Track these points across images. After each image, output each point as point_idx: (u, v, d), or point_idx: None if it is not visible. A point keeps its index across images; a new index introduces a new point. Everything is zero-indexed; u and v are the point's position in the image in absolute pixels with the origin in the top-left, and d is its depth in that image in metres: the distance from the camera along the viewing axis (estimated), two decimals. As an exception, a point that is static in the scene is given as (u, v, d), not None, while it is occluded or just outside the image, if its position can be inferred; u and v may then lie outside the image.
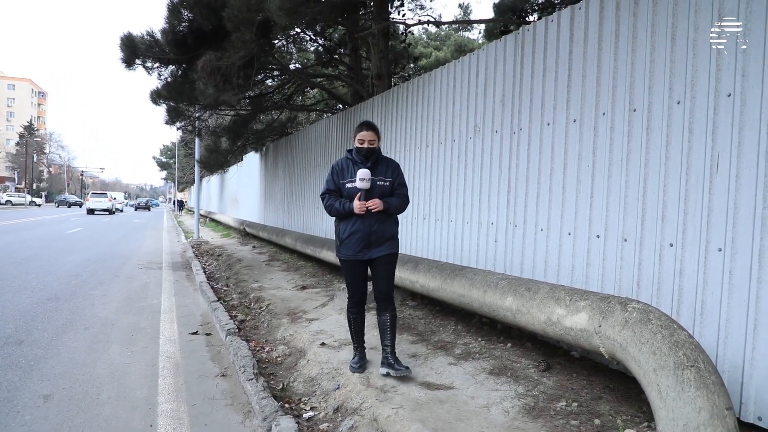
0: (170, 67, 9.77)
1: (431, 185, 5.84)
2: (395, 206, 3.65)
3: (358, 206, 3.51)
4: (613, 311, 2.76)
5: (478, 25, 19.48)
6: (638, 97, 3.38)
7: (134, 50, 8.98)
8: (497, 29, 11.17)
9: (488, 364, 3.79)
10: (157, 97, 10.25)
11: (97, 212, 36.83)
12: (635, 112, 3.40)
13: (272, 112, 14.71)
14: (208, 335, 5.26)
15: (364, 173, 3.51)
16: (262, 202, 15.46)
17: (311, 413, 3.29)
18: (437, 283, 4.58)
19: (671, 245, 3.14)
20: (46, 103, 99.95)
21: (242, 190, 19.87)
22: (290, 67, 13.67)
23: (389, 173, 3.69)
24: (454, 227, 5.41)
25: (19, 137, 73.25)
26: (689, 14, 3.06)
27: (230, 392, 3.76)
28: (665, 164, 3.19)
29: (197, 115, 11.98)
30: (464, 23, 20.36)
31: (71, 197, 60.30)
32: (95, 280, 8.30)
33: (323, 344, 4.45)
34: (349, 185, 3.62)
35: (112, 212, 38.44)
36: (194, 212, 20.31)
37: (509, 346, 4.14)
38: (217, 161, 14.85)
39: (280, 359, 4.43)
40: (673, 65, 3.16)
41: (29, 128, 72.75)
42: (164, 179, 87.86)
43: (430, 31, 25.94)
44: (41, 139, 78.19)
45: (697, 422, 2.18)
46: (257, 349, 4.67)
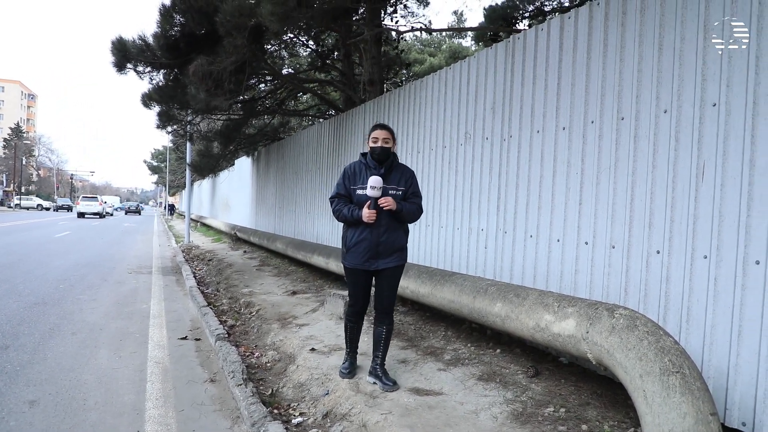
0: (162, 71, 9.74)
1: (422, 191, 5.85)
2: (408, 211, 3.48)
3: (366, 215, 3.34)
4: (600, 317, 2.78)
5: (470, 32, 19.60)
6: (626, 105, 3.42)
7: (126, 54, 8.96)
8: (488, 37, 11.25)
9: (477, 369, 3.81)
10: (148, 101, 10.21)
11: (87, 216, 36.72)
12: (623, 120, 3.44)
13: (264, 116, 14.71)
14: (197, 340, 5.23)
15: (375, 181, 3.33)
16: (253, 206, 15.43)
17: (300, 419, 3.29)
18: (427, 288, 4.60)
19: (658, 252, 3.17)
20: (35, 105, 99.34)
21: (234, 194, 19.82)
22: (282, 72, 13.69)
23: (403, 181, 3.52)
24: (444, 233, 5.43)
25: (4, 140, 72.60)
26: (676, 25, 3.11)
27: (219, 398, 3.74)
28: (652, 172, 3.23)
29: (189, 119, 11.95)
30: (455, 30, 20.47)
31: (62, 200, 57.54)
32: (84, 284, 8.24)
33: (313, 350, 4.44)
34: (359, 191, 3.46)
35: (102, 216, 38.33)
36: (185, 217, 20.22)
37: (498, 352, 4.16)
38: (208, 165, 14.81)
39: (269, 365, 4.42)
40: (660, 75, 3.21)
41: (17, 130, 72.15)
42: (155, 183, 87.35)
43: (423, 37, 26.07)
44: (30, 141, 77.56)
45: (682, 427, 2.20)
46: (247, 354, 4.65)
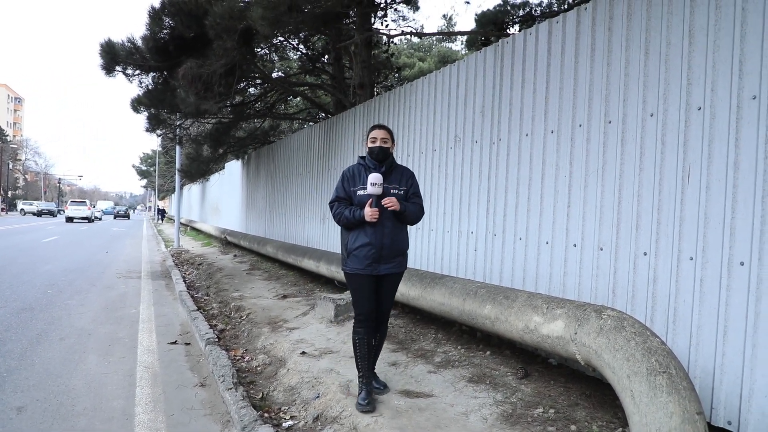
0: (151, 74, 9.71)
1: (412, 194, 5.88)
2: (411, 212, 3.34)
3: (369, 213, 3.18)
4: (588, 319, 2.81)
5: (460, 36, 19.70)
6: (613, 109, 3.46)
7: (114, 57, 8.91)
8: (478, 41, 11.32)
9: (467, 371, 3.82)
10: (137, 104, 10.18)
11: (76, 220, 36.51)
12: (610, 123, 3.48)
13: (254, 120, 14.68)
14: (187, 345, 5.21)
15: (375, 177, 3.20)
16: (243, 210, 15.38)
17: (291, 422, 3.28)
18: (417, 291, 4.61)
19: (645, 254, 3.21)
20: (22, 109, 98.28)
21: (224, 198, 19.75)
22: (273, 75, 13.68)
23: (404, 181, 3.39)
24: (434, 236, 5.45)
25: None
26: (662, 30, 3.16)
27: (209, 402, 3.73)
28: (639, 175, 3.27)
29: (178, 122, 11.91)
30: (445, 34, 20.58)
31: (44, 204, 50.97)
32: (72, 289, 8.17)
33: (304, 353, 4.44)
34: (360, 192, 3.31)
35: (91, 220, 38.11)
36: (174, 221, 20.11)
37: (488, 354, 4.18)
38: (198, 169, 14.76)
39: (260, 368, 4.41)
40: (646, 79, 3.25)
41: (1, 134, 71.34)
42: (144, 187, 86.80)
43: (413, 41, 26.17)
44: (17, 145, 76.75)
45: (669, 427, 2.23)
46: (237, 358, 4.64)
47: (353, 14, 9.74)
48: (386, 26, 12.20)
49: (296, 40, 12.54)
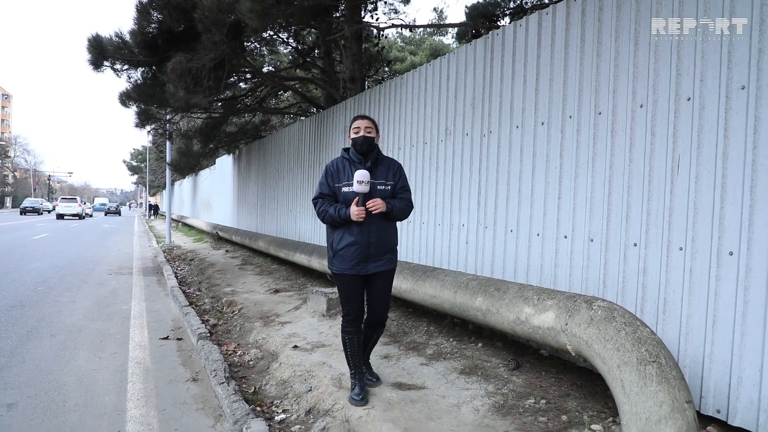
0: (140, 69, 9.62)
1: (404, 188, 5.87)
2: (399, 209, 3.22)
3: (355, 212, 3.06)
4: (579, 309, 2.82)
5: (451, 29, 19.67)
6: (603, 100, 3.47)
7: (102, 52, 8.82)
8: (469, 33, 11.30)
9: (459, 363, 3.83)
10: (126, 99, 10.07)
11: (66, 217, 36.27)
12: (600, 115, 3.48)
13: (245, 114, 14.60)
14: (179, 340, 5.19)
15: (362, 175, 3.06)
16: (235, 205, 15.32)
17: (283, 416, 3.28)
18: (409, 284, 4.61)
19: (635, 245, 3.22)
20: (10, 105, 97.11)
21: (215, 193, 19.65)
22: (263, 69, 13.60)
23: (390, 175, 3.26)
24: (426, 229, 5.45)
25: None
26: (651, 20, 3.16)
27: (201, 397, 3.72)
28: (629, 166, 3.27)
29: (168, 117, 11.81)
30: (436, 26, 20.52)
31: (29, 201, 45.10)
32: (63, 286, 8.11)
33: (296, 347, 4.43)
34: (345, 189, 3.18)
35: (82, 217, 37.85)
36: (166, 217, 20.01)
37: (480, 345, 4.19)
38: (188, 164, 14.68)
39: (252, 363, 4.40)
40: (636, 70, 3.25)
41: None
42: (135, 183, 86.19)
43: (404, 35, 26.08)
44: (5, 142, 75.96)
45: (658, 416, 2.25)
46: (229, 353, 4.63)
47: (343, 7, 9.68)
48: (376, 19, 12.14)
49: (286, 33, 12.46)
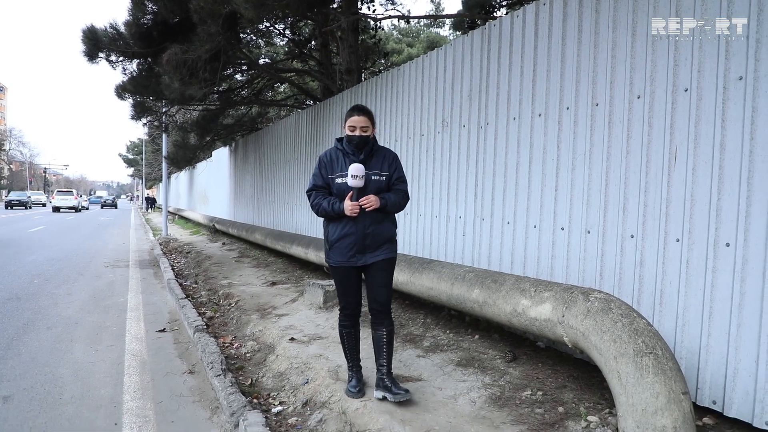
0: (135, 60, 9.58)
1: (401, 180, 5.85)
2: (393, 203, 3.14)
3: (349, 207, 3.01)
4: (575, 301, 2.82)
5: (448, 20, 19.58)
6: (600, 91, 3.45)
7: (97, 43, 8.77)
8: (465, 24, 11.25)
9: (456, 355, 3.83)
10: (122, 91, 10.04)
11: (63, 210, 36.21)
12: (598, 106, 3.47)
13: (241, 107, 14.53)
14: (175, 331, 5.18)
15: (357, 169, 3.00)
16: (231, 198, 15.28)
17: (280, 407, 3.28)
18: (406, 276, 4.61)
19: (632, 236, 3.22)
20: (5, 98, 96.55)
21: (211, 186, 19.60)
22: (259, 61, 13.54)
23: (386, 166, 3.18)
24: (423, 221, 5.44)
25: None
26: (649, 10, 3.14)
27: (198, 389, 3.72)
28: (626, 157, 3.26)
29: (164, 110, 11.77)
30: (432, 17, 20.45)
31: (15, 194, 41.01)
32: (59, 278, 8.09)
33: (293, 339, 4.43)
34: (339, 180, 3.11)
35: (78, 210, 37.77)
36: (162, 209, 19.96)
37: (477, 337, 4.19)
38: (185, 157, 14.63)
39: (249, 355, 4.39)
40: (633, 61, 3.23)
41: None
42: (131, 176, 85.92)
43: (401, 27, 25.97)
44: (1, 135, 75.53)
45: (655, 407, 2.25)
46: (226, 345, 4.62)
47: (339, -2, 9.63)
48: (373, 10, 12.08)
49: (282, 25, 12.40)
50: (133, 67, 9.78)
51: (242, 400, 3.19)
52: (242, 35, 10.10)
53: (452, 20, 12.82)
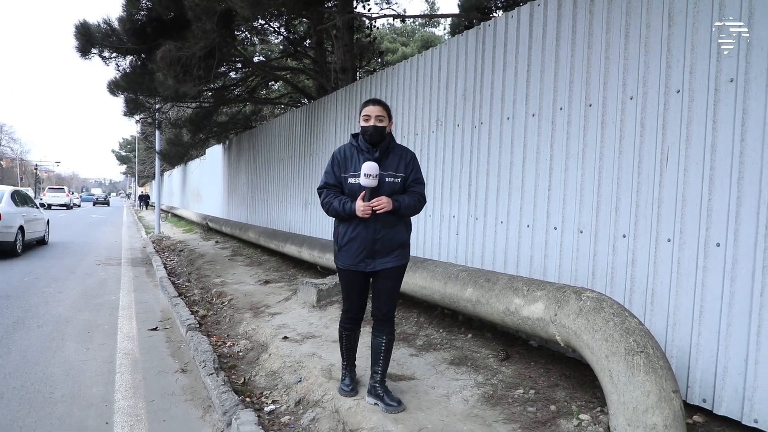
0: (128, 57, 9.52)
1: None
2: (407, 206, 2.94)
3: (361, 208, 2.83)
4: (568, 300, 2.83)
5: (443, 20, 19.62)
6: (594, 92, 3.47)
7: (90, 39, 8.72)
8: (462, 25, 11.26)
9: (449, 354, 3.85)
10: (115, 88, 9.97)
11: (54, 207, 35.96)
12: (591, 107, 3.48)
13: (235, 104, 14.49)
14: (167, 330, 5.17)
15: (370, 168, 2.81)
16: (225, 196, 15.23)
17: (273, 406, 3.28)
18: (400, 275, 4.61)
19: (624, 236, 3.24)
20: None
21: (205, 184, 19.52)
22: (254, 59, 13.50)
23: (402, 166, 2.98)
24: (416, 220, 5.44)
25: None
26: (642, 12, 3.16)
27: (190, 388, 3.71)
28: (619, 158, 3.28)
29: (157, 106, 11.71)
30: (428, 17, 20.47)
31: None
32: (49, 276, 8.04)
33: (286, 338, 4.43)
34: (351, 180, 2.94)
35: (69, 207, 37.53)
36: (155, 207, 19.88)
37: (470, 336, 4.20)
38: (178, 154, 14.57)
39: (242, 354, 4.39)
40: (626, 62, 3.25)
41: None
42: (124, 173, 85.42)
43: (396, 26, 25.98)
44: (-9, 131, 74.82)
45: (645, 405, 2.27)
46: (219, 344, 4.61)
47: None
48: (368, 9, 12.08)
49: (277, 23, 12.37)
50: (126, 63, 9.72)
51: (235, 398, 3.19)
52: (237, 33, 10.07)
53: (450, 23, 12.84)
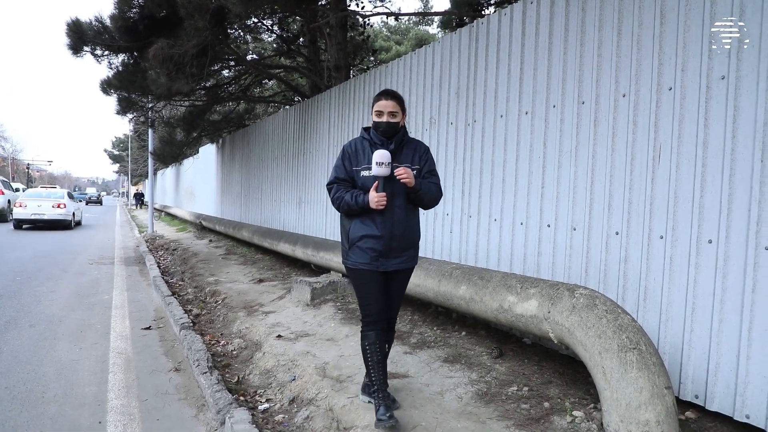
0: (121, 55, 9.45)
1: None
2: (427, 192, 2.79)
3: (375, 199, 2.65)
4: (561, 297, 2.84)
5: (437, 18, 19.60)
6: (586, 90, 3.48)
7: (82, 37, 8.65)
8: (454, 22, 11.27)
9: (443, 352, 3.85)
10: (107, 86, 9.89)
11: None
12: (584, 104, 3.49)
13: (229, 103, 14.44)
14: (161, 329, 5.15)
15: (381, 155, 2.65)
16: (218, 195, 15.18)
17: (267, 405, 3.27)
18: (394, 273, 4.61)
19: (617, 233, 3.25)
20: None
21: (198, 182, 19.45)
22: (247, 57, 13.45)
23: (417, 159, 2.83)
24: (410, 218, 5.44)
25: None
26: (634, 10, 3.16)
27: (184, 387, 3.70)
28: (611, 155, 3.29)
29: (150, 105, 11.65)
30: (421, 14, 20.47)
31: None
32: (42, 276, 7.99)
33: (279, 336, 4.42)
34: (365, 173, 2.77)
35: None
36: (148, 206, 19.79)
37: (464, 334, 4.21)
38: (171, 153, 14.50)
39: (235, 352, 4.38)
40: (619, 59, 3.26)
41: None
42: (117, 172, 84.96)
43: (390, 24, 25.97)
44: (-17, 130, 74.36)
45: (638, 401, 2.28)
46: (212, 342, 4.60)
47: (328, -6, 9.60)
48: (362, 7, 12.06)
49: (270, 20, 12.34)
50: (118, 61, 9.65)
51: (228, 397, 3.18)
52: (230, 31, 10.03)
53: (441, 19, 12.83)
